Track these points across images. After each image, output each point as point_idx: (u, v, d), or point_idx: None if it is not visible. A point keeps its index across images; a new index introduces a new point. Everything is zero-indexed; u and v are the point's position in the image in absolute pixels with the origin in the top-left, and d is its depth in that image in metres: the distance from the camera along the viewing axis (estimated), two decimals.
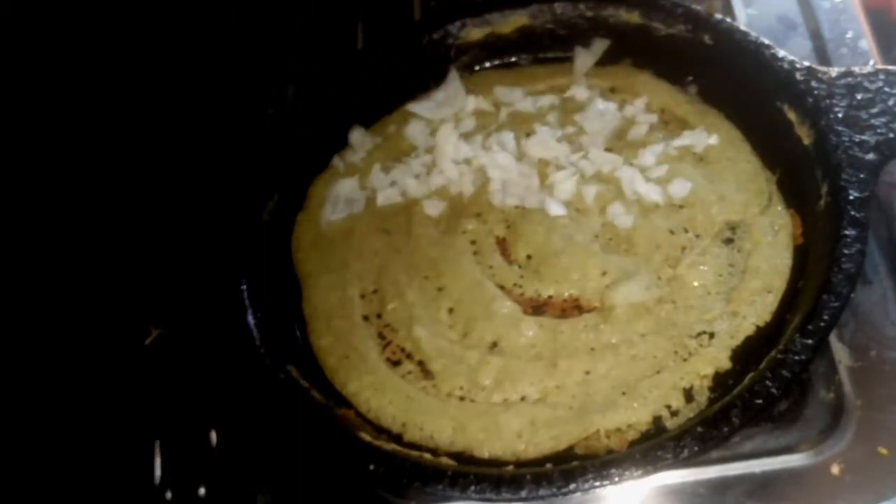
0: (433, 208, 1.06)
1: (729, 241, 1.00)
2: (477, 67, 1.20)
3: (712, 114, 1.10)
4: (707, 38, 1.08)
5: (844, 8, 1.23)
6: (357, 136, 1.13)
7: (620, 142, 1.10)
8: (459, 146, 1.10)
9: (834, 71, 0.99)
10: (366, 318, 1.00)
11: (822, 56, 1.19)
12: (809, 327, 0.84)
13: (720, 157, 1.06)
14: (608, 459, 0.81)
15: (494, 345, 0.95)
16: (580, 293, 0.98)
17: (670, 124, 1.12)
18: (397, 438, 0.91)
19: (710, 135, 1.07)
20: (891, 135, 0.93)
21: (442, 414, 0.91)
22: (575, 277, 0.98)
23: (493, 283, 0.99)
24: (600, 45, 1.16)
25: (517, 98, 1.15)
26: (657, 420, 0.89)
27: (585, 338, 0.94)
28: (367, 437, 0.87)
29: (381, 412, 0.92)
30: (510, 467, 0.86)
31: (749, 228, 1.00)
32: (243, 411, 0.96)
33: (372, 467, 0.83)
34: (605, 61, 1.16)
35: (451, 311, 0.98)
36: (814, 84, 0.98)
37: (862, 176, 0.92)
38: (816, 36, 1.22)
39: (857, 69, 0.98)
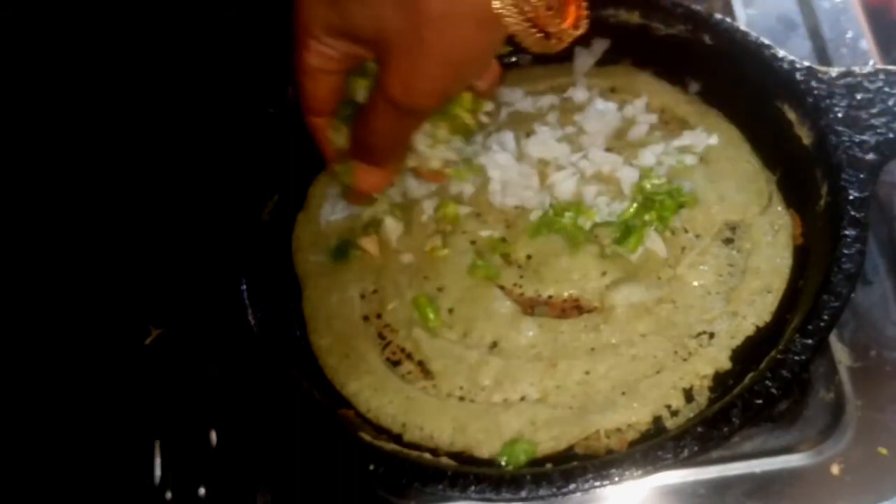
0: (433, 208, 1.06)
1: (729, 241, 1.00)
2: None
3: (712, 114, 1.10)
4: (707, 38, 1.08)
5: (844, 8, 1.23)
6: None
7: (620, 142, 1.09)
8: None
9: (834, 71, 0.98)
10: (366, 318, 1.00)
11: (822, 56, 1.19)
12: (809, 327, 0.84)
13: (720, 157, 1.06)
14: (608, 459, 0.81)
15: (494, 345, 0.95)
16: (580, 293, 0.98)
17: (670, 124, 1.11)
18: (397, 438, 0.90)
19: (710, 135, 1.07)
20: (891, 135, 0.93)
21: (442, 414, 0.91)
22: (575, 277, 0.98)
23: (493, 283, 0.99)
24: (600, 45, 1.15)
25: (517, 98, 1.14)
26: (657, 420, 0.88)
27: (585, 338, 0.94)
28: (367, 437, 0.87)
29: (381, 412, 0.92)
30: (510, 467, 0.86)
31: (749, 228, 1.00)
32: (243, 411, 0.96)
33: (372, 467, 0.83)
34: (605, 61, 1.16)
35: (450, 311, 0.98)
36: (814, 84, 0.98)
37: (862, 176, 0.91)
38: (816, 36, 1.21)
39: (857, 69, 0.98)
